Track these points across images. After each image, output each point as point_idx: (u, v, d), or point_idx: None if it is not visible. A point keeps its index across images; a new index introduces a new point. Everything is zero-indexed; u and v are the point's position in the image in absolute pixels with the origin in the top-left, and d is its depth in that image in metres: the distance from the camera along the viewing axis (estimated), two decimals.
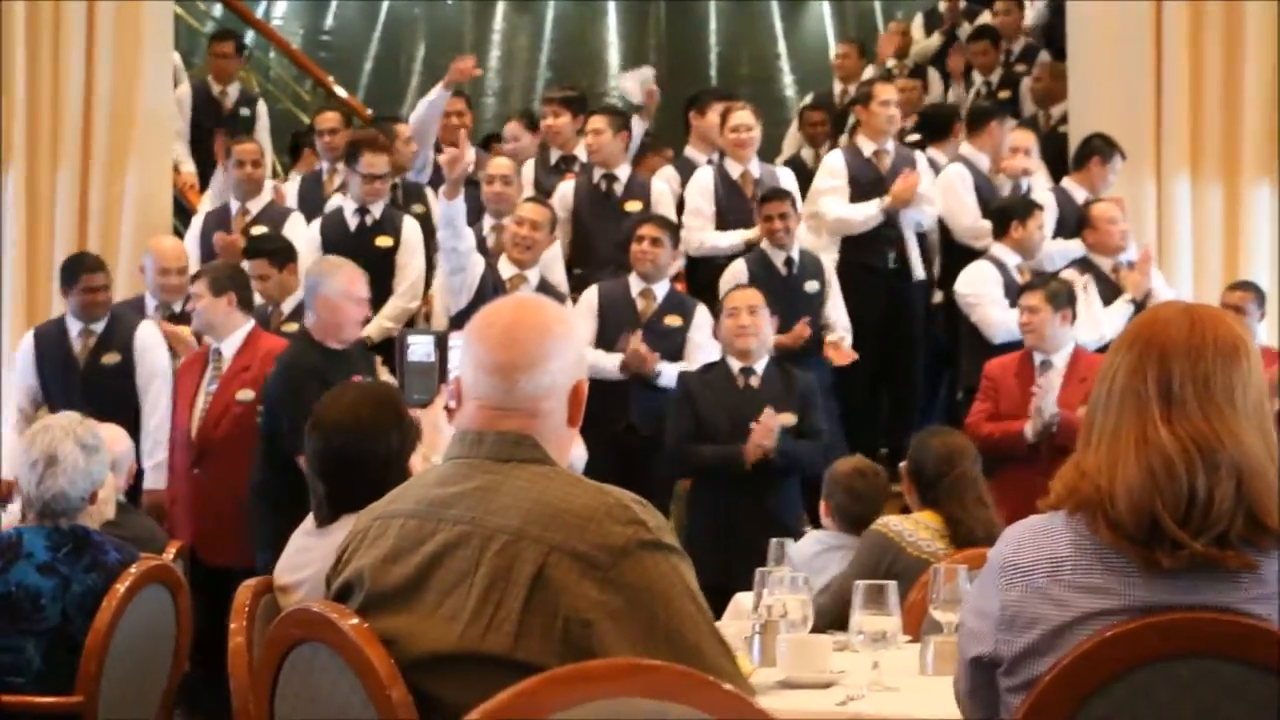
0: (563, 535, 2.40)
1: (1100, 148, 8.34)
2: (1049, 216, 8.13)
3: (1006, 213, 7.88)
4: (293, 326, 7.16)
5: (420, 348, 4.30)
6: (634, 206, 8.13)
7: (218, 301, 6.64)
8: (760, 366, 6.87)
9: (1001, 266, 7.73)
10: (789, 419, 6.71)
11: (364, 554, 2.57)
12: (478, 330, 2.63)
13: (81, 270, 7.16)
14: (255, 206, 8.15)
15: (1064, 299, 7.00)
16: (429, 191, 8.39)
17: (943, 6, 12.06)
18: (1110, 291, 7.73)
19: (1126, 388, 2.38)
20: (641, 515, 2.44)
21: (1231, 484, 2.29)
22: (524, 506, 2.45)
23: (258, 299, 7.24)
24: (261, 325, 7.06)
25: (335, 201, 8.15)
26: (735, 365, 6.87)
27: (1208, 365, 2.36)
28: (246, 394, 6.51)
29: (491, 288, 7.17)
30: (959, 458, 4.88)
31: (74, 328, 7.13)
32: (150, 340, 7.15)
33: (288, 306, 7.34)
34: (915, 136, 9.55)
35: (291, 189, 8.70)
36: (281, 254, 7.38)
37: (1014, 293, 7.55)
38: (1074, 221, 8.15)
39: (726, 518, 6.60)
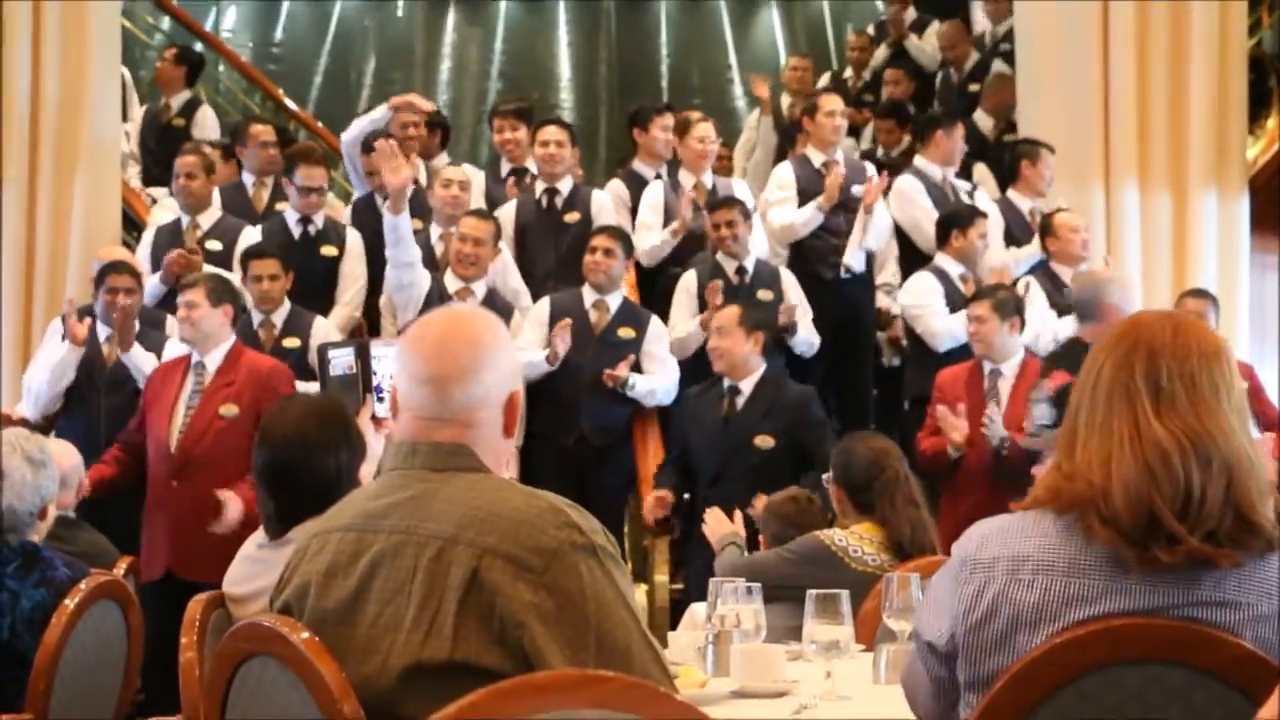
0: (496, 538, 2.41)
1: (1024, 151, 8.39)
2: (994, 228, 8.16)
3: (948, 221, 7.88)
4: (293, 341, 7.18)
5: (341, 360, 4.30)
6: (573, 218, 8.11)
7: (215, 311, 6.50)
8: (748, 385, 6.88)
9: (944, 276, 7.74)
10: (766, 441, 6.74)
11: (304, 569, 2.59)
12: (411, 342, 2.66)
13: (111, 271, 7.10)
14: (206, 220, 8.06)
15: (1011, 308, 7.01)
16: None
17: (887, 13, 12.11)
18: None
19: (1114, 382, 2.37)
20: (575, 519, 2.45)
21: (1223, 481, 2.28)
22: (458, 512, 2.46)
23: (253, 306, 7.27)
24: (250, 340, 7.02)
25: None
26: (726, 382, 6.94)
27: (1193, 365, 2.35)
28: (231, 409, 6.38)
29: (439, 301, 7.14)
30: (886, 458, 4.83)
31: (102, 332, 7.08)
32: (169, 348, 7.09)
33: (279, 319, 7.30)
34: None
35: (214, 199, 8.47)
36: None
37: (957, 302, 7.58)
38: (1020, 232, 8.19)
39: None
